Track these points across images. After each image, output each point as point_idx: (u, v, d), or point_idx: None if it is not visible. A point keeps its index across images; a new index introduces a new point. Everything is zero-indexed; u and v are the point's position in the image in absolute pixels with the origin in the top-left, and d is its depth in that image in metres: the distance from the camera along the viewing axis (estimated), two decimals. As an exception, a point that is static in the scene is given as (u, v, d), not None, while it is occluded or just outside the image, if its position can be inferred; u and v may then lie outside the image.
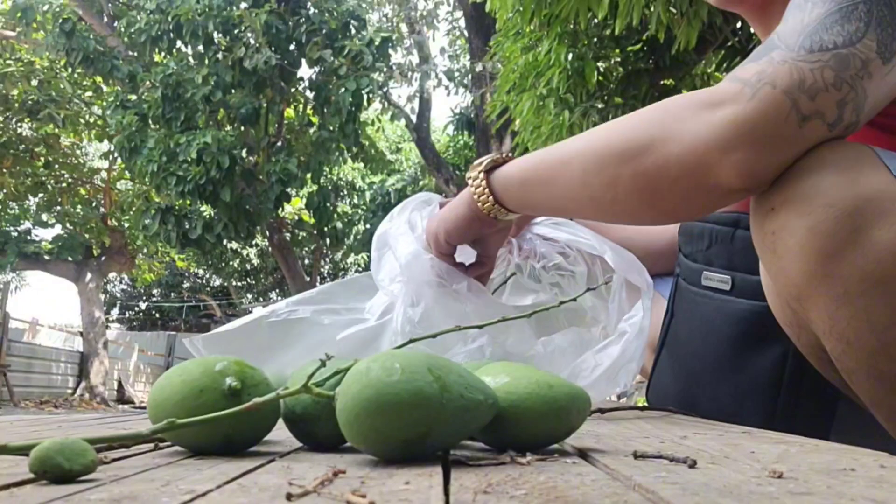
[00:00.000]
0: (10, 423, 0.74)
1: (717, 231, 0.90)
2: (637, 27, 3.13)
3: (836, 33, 0.59)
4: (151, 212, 9.01)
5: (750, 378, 0.85)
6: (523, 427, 0.46)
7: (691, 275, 0.94)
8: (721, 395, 0.88)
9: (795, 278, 0.60)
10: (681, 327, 0.98)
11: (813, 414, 0.83)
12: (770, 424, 0.79)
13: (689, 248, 0.96)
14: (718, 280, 0.89)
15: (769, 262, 0.64)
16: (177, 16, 8.27)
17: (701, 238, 0.92)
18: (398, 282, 0.86)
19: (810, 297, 0.60)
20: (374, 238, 0.92)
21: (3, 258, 11.23)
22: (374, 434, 0.40)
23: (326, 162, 9.19)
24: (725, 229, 0.89)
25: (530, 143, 3.88)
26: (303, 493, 0.30)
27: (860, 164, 0.58)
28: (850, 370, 0.62)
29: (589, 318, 0.94)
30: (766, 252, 0.64)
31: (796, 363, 0.81)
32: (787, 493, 0.30)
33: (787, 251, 0.60)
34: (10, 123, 10.21)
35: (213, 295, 20.35)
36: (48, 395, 10.95)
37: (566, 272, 0.96)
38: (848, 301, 0.58)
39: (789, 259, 0.60)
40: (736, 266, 0.88)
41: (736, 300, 0.87)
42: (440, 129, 12.54)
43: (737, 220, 0.88)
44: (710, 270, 0.91)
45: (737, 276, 0.87)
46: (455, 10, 10.24)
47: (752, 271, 0.85)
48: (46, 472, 0.34)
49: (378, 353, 0.45)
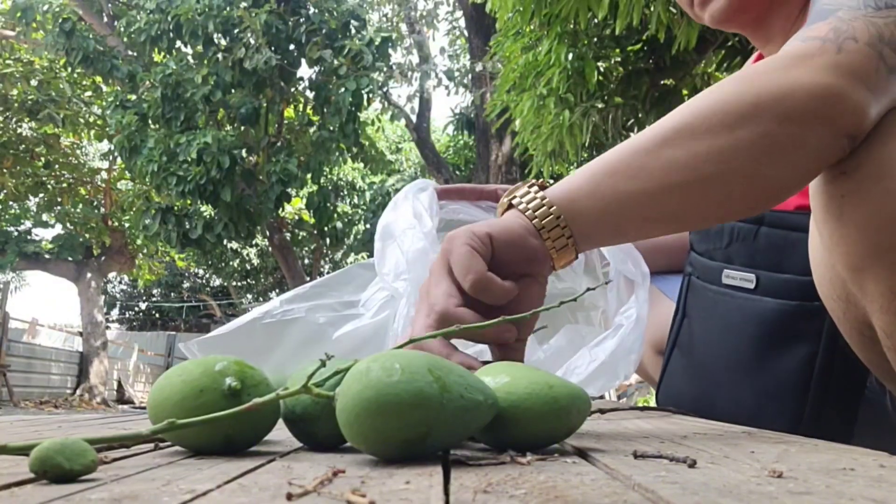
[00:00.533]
0: (10, 423, 0.74)
1: (738, 228, 0.87)
2: (637, 27, 3.13)
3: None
4: (152, 212, 9.02)
5: (775, 379, 0.83)
6: (523, 427, 0.46)
7: (708, 273, 0.91)
8: (743, 396, 0.86)
9: (860, 245, 0.58)
10: (696, 327, 0.95)
11: (839, 415, 0.81)
12: (797, 427, 0.77)
13: (704, 246, 0.93)
14: (741, 278, 0.86)
15: (831, 227, 0.61)
16: (177, 15, 8.27)
17: (719, 236, 0.89)
18: (403, 279, 0.81)
19: (872, 268, 0.59)
20: (378, 228, 0.87)
21: (4, 258, 11.24)
22: (374, 434, 0.40)
23: (326, 162, 9.20)
24: (748, 226, 0.86)
25: (530, 143, 3.88)
26: (303, 493, 0.30)
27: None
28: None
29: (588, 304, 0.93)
30: (829, 217, 0.61)
31: (824, 362, 0.79)
32: (787, 493, 0.30)
33: (854, 217, 0.58)
34: (10, 123, 10.21)
35: (213, 295, 20.35)
36: (48, 396, 10.95)
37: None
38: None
39: (854, 226, 0.58)
40: (759, 264, 0.85)
41: (762, 299, 0.84)
42: (440, 129, 12.54)
43: (761, 218, 0.85)
44: (730, 268, 0.88)
45: (761, 275, 0.84)
46: (455, 10, 10.24)
47: (776, 269, 0.83)
48: (47, 471, 0.34)
49: (377, 352, 0.45)
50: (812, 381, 0.80)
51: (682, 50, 3.10)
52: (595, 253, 0.93)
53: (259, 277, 17.71)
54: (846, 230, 0.59)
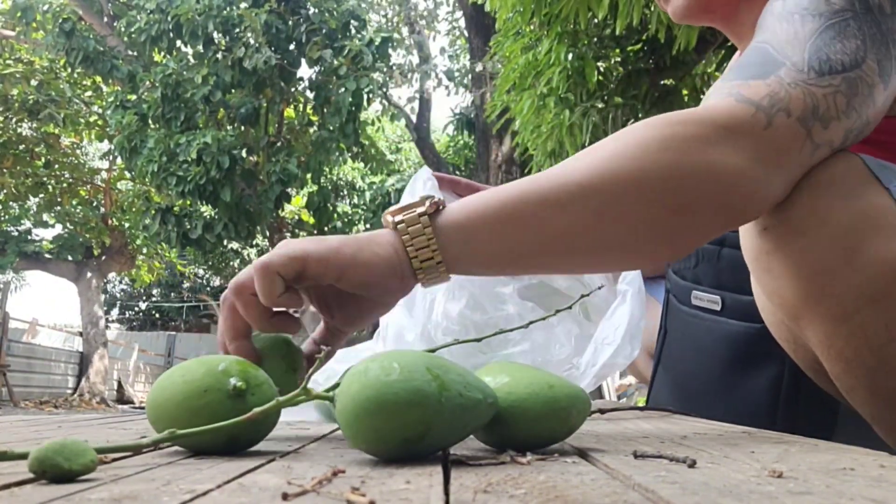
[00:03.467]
0: (10, 424, 0.74)
1: (702, 249, 0.88)
2: (637, 27, 3.13)
3: (840, 52, 0.57)
4: (151, 212, 9.02)
5: (745, 398, 0.84)
6: (523, 427, 0.46)
7: (681, 293, 0.93)
8: (717, 416, 0.87)
9: (791, 298, 0.59)
10: (674, 345, 0.97)
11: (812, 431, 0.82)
12: None
13: (677, 265, 0.95)
14: (708, 300, 0.88)
15: (764, 281, 0.63)
16: (177, 15, 8.27)
17: (688, 255, 0.90)
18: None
19: (806, 317, 0.60)
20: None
21: (4, 258, 11.24)
22: (374, 433, 0.40)
23: (326, 162, 9.19)
24: (711, 248, 0.87)
25: (530, 143, 3.88)
26: (300, 493, 0.30)
27: (851, 179, 0.57)
28: (849, 388, 0.61)
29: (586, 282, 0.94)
30: (760, 272, 0.63)
31: (792, 382, 0.80)
32: (787, 493, 0.30)
33: (781, 271, 0.59)
34: (10, 123, 10.21)
35: (213, 295, 20.34)
36: (48, 396, 10.95)
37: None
38: (844, 320, 0.57)
39: (784, 279, 0.59)
40: (724, 285, 0.87)
41: (727, 321, 0.85)
42: (440, 129, 12.54)
43: (722, 239, 0.86)
44: (698, 290, 0.89)
45: (727, 297, 0.86)
46: (455, 10, 10.24)
47: (740, 290, 0.83)
48: (46, 471, 0.34)
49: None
50: (779, 401, 0.81)
51: (682, 50, 3.10)
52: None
53: (259, 277, 17.68)
54: (777, 283, 0.60)
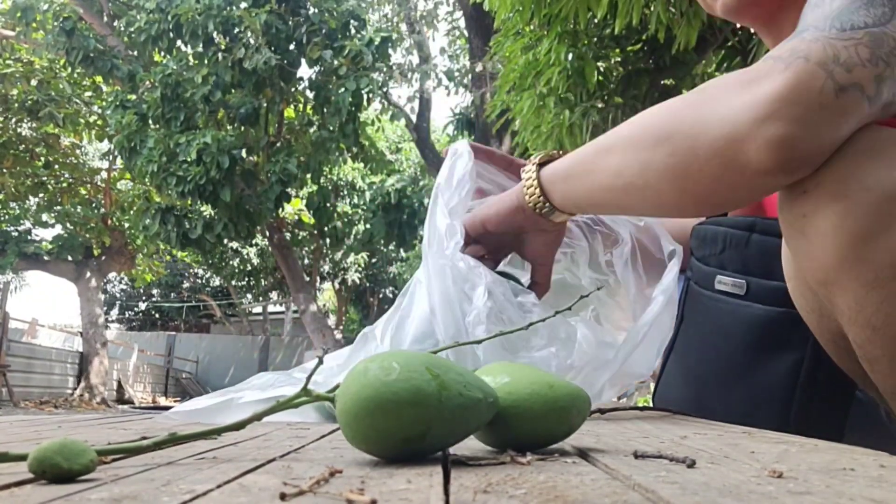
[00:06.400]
0: (10, 424, 0.74)
1: (731, 235, 0.88)
2: (637, 27, 3.13)
3: (865, 15, 0.58)
4: (151, 212, 9.03)
5: (764, 384, 0.84)
6: (523, 427, 0.46)
7: (704, 278, 0.92)
8: (734, 401, 0.87)
9: (825, 262, 0.59)
10: (692, 332, 0.96)
11: (826, 420, 0.82)
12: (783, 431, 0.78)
13: (701, 252, 0.94)
14: (732, 284, 0.87)
15: (797, 245, 0.62)
16: (176, 15, 8.28)
17: (714, 242, 0.90)
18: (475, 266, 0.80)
19: (838, 282, 0.59)
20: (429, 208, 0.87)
21: (3, 258, 11.25)
22: (374, 433, 0.40)
23: (326, 162, 9.20)
24: (740, 233, 0.87)
25: (530, 143, 3.88)
26: (297, 493, 0.30)
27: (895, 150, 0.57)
28: (873, 358, 0.61)
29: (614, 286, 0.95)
30: (794, 234, 0.62)
31: (811, 368, 0.80)
32: (787, 493, 0.30)
33: (817, 234, 0.59)
34: (10, 123, 10.21)
35: (213, 295, 20.35)
36: (48, 396, 10.95)
37: (565, 249, 0.96)
38: (878, 286, 0.57)
39: (820, 242, 0.59)
40: (751, 270, 0.86)
41: (751, 305, 0.85)
42: (440, 129, 12.54)
43: (752, 225, 0.86)
44: (723, 274, 0.89)
45: (752, 281, 0.86)
46: (455, 10, 10.24)
47: (767, 276, 0.83)
48: (46, 472, 0.34)
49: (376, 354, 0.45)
50: (797, 387, 0.81)
51: (681, 50, 3.10)
52: (598, 240, 0.95)
53: (259, 277, 17.71)
54: (811, 247, 0.60)
